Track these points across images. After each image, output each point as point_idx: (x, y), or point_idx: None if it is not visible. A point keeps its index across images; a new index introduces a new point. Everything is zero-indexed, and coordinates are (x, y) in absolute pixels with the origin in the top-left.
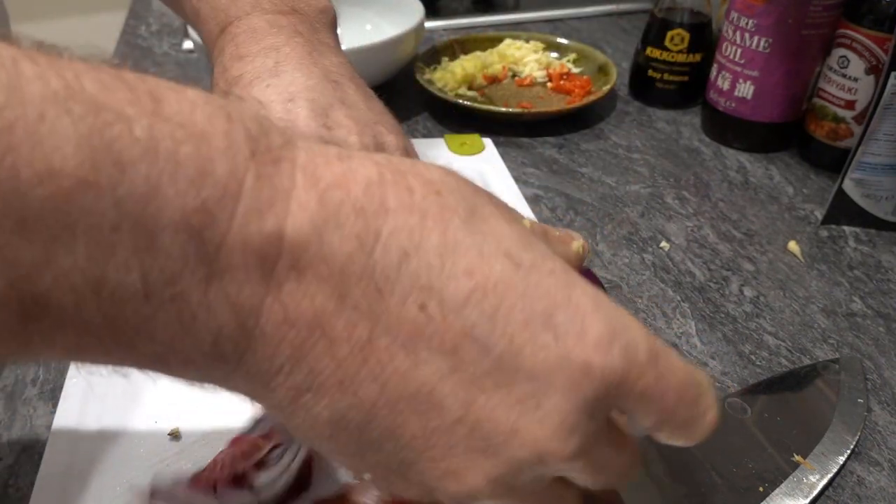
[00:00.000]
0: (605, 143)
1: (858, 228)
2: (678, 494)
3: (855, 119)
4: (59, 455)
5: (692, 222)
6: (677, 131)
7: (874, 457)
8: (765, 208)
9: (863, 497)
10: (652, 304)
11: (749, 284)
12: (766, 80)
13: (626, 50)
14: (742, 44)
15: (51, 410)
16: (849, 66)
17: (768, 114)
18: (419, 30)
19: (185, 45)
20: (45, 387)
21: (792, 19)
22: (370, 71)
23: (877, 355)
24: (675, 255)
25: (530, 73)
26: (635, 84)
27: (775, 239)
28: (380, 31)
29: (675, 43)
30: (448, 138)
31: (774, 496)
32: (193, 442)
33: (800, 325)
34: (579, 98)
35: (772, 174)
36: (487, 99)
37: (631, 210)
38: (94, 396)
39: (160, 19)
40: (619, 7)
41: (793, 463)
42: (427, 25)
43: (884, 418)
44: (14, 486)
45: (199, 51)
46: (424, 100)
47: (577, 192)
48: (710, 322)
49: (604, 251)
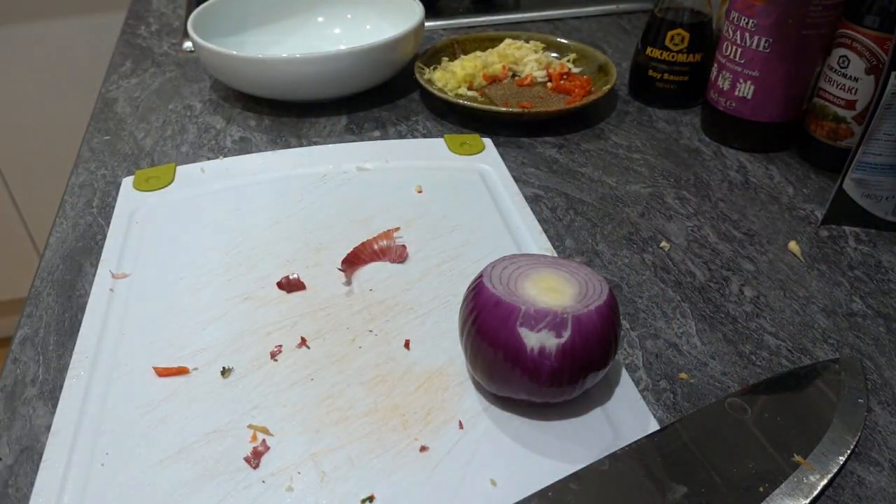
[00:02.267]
0: (605, 143)
1: (858, 228)
2: (678, 494)
3: (855, 119)
4: (59, 455)
5: (692, 222)
6: (677, 131)
7: (874, 457)
8: (765, 208)
9: (863, 497)
10: (652, 304)
11: (749, 284)
12: (767, 80)
13: (626, 50)
14: (742, 44)
15: (51, 410)
16: (849, 66)
17: (768, 114)
18: (419, 30)
19: (185, 45)
20: (45, 387)
21: (792, 19)
22: (370, 71)
23: (877, 355)
24: (675, 255)
25: (530, 73)
26: (635, 84)
27: (775, 239)
28: (380, 31)
29: (675, 43)
30: (448, 138)
31: (774, 496)
32: (194, 442)
33: (800, 325)
34: (579, 98)
35: (772, 174)
36: (487, 99)
37: (631, 210)
38: (94, 396)
39: (160, 19)
40: (619, 7)
41: (793, 463)
42: (427, 25)
43: (884, 418)
44: (14, 486)
45: (199, 51)
46: (424, 100)
47: (577, 192)
48: (711, 322)
49: (604, 251)
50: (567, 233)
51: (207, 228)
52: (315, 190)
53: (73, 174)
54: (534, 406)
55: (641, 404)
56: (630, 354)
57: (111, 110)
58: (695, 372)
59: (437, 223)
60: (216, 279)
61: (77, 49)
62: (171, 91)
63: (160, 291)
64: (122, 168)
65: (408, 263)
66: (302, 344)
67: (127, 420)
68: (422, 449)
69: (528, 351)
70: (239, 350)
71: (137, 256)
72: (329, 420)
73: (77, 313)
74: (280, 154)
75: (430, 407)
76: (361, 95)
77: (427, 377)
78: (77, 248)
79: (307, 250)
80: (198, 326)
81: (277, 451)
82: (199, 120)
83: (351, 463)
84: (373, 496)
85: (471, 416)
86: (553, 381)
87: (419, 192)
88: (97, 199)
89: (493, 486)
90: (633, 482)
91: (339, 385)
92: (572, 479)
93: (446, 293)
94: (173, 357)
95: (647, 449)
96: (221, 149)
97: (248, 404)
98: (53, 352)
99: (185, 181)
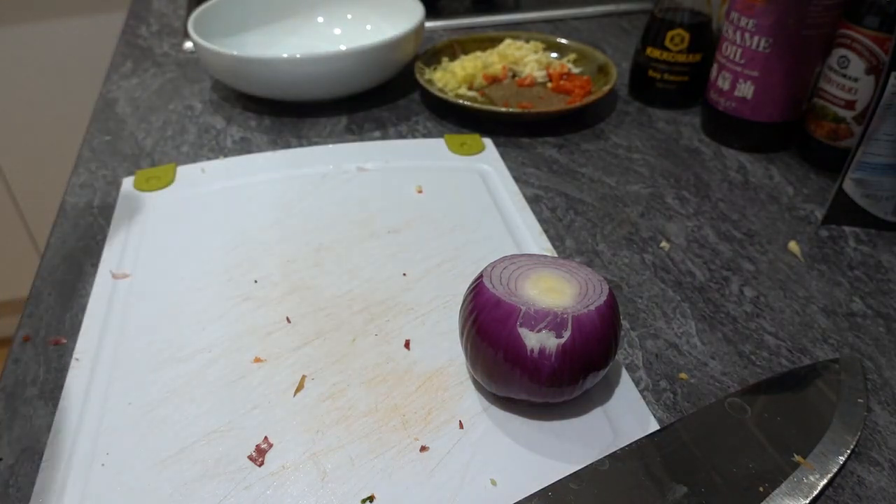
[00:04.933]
0: (605, 143)
1: (858, 228)
2: (678, 494)
3: (855, 119)
4: (59, 455)
5: (692, 222)
6: (677, 131)
7: (874, 457)
8: (765, 208)
9: (863, 497)
10: (652, 304)
11: (749, 284)
12: (767, 80)
13: (626, 50)
14: (742, 44)
15: (51, 410)
16: (849, 66)
17: (768, 114)
18: (419, 30)
19: (185, 45)
20: (45, 387)
21: (792, 19)
22: (370, 71)
23: (877, 355)
24: (675, 255)
25: (530, 73)
26: (635, 84)
27: (775, 239)
28: (380, 31)
29: (675, 43)
30: (448, 138)
31: (774, 496)
32: (194, 442)
33: (800, 325)
34: (579, 98)
35: (772, 174)
36: (487, 99)
37: (631, 210)
38: (95, 396)
39: (160, 19)
40: (619, 7)
41: (793, 463)
42: (427, 25)
43: (884, 418)
44: (14, 486)
45: (200, 51)
46: (424, 100)
47: (577, 192)
48: (711, 322)
49: (604, 251)
50: (567, 233)
51: (208, 228)
52: (315, 190)
53: (73, 174)
54: (534, 406)
55: (641, 404)
56: (630, 354)
57: (112, 110)
58: (695, 372)
59: (437, 223)
60: (216, 279)
61: (77, 49)
62: (172, 91)
63: (160, 291)
64: (122, 168)
65: (408, 263)
66: (302, 344)
67: (127, 420)
68: (422, 449)
69: (528, 351)
70: (239, 350)
71: (138, 256)
72: (329, 420)
73: (77, 313)
74: (280, 154)
75: (430, 407)
76: (361, 95)
77: (427, 377)
78: (77, 248)
79: (307, 250)
80: (198, 326)
81: (278, 450)
82: (200, 120)
83: (351, 463)
84: (373, 496)
85: (471, 416)
86: (553, 381)
87: (419, 192)
88: (98, 199)
89: (493, 485)
90: (633, 482)
91: (339, 385)
92: (572, 479)
93: (446, 293)
94: (173, 357)
95: (647, 449)
96: (222, 149)
97: (249, 404)
98: (53, 352)
99: (185, 181)
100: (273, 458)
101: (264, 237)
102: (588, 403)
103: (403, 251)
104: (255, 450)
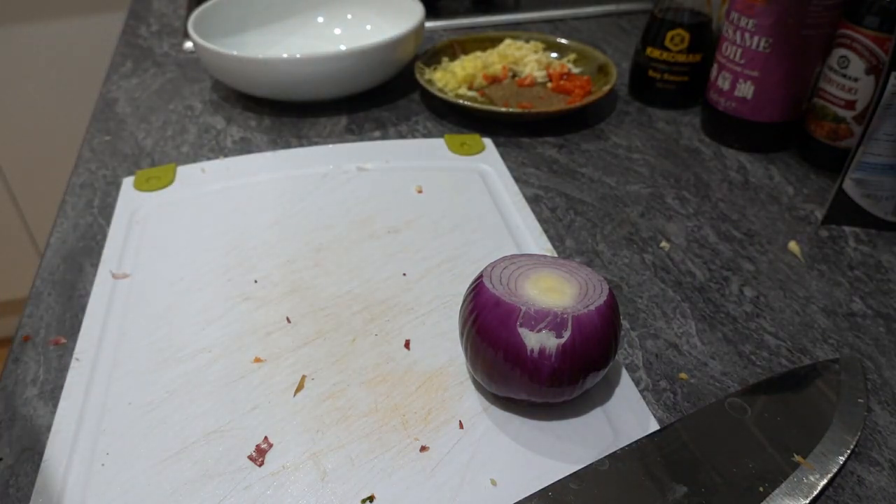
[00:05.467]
0: (605, 143)
1: (858, 228)
2: (678, 494)
3: (855, 119)
4: (59, 455)
5: (692, 222)
6: (677, 131)
7: (874, 457)
8: (765, 208)
9: (863, 497)
10: (652, 304)
11: (749, 284)
12: (766, 80)
13: (626, 50)
14: (742, 44)
15: (51, 410)
16: (849, 66)
17: (768, 114)
18: (419, 30)
19: (185, 45)
20: (45, 387)
21: (792, 19)
22: (370, 71)
23: (877, 355)
24: (675, 255)
25: (530, 73)
26: (635, 84)
27: (775, 239)
28: (380, 31)
29: (675, 43)
30: (448, 138)
31: (774, 496)
32: (194, 442)
33: (800, 325)
34: (579, 98)
35: (772, 174)
36: (487, 99)
37: (631, 210)
38: (95, 396)
39: (160, 19)
40: (619, 7)
41: (793, 463)
42: (427, 25)
43: (884, 418)
44: (14, 486)
45: (200, 51)
46: (424, 100)
47: (577, 192)
48: (711, 322)
49: (604, 251)
50: (567, 233)
51: (208, 228)
52: (315, 190)
53: (73, 174)
54: (534, 406)
55: (641, 404)
56: (630, 354)
57: (112, 110)
58: (695, 372)
59: (437, 223)
60: (216, 279)
61: (77, 49)
62: (172, 91)
63: (160, 291)
64: (122, 168)
65: (408, 263)
66: (302, 344)
67: (127, 420)
68: (422, 449)
69: (529, 351)
70: (239, 350)
71: (138, 256)
72: (329, 420)
73: (77, 313)
74: (280, 154)
75: (430, 407)
76: (361, 95)
77: (427, 377)
78: (78, 248)
79: (307, 250)
80: (198, 326)
81: (278, 450)
82: (200, 120)
83: (351, 463)
84: (373, 496)
85: (471, 416)
86: (553, 381)
87: (419, 192)
88: (98, 199)
89: (493, 485)
90: (633, 482)
91: (339, 385)
92: (572, 479)
93: (446, 293)
94: (173, 357)
95: (647, 449)
96: (222, 149)
97: (249, 404)
98: (53, 352)
99: (185, 181)
100: (273, 458)
101: (264, 237)
102: (588, 403)
103: (403, 251)
104: (255, 450)
